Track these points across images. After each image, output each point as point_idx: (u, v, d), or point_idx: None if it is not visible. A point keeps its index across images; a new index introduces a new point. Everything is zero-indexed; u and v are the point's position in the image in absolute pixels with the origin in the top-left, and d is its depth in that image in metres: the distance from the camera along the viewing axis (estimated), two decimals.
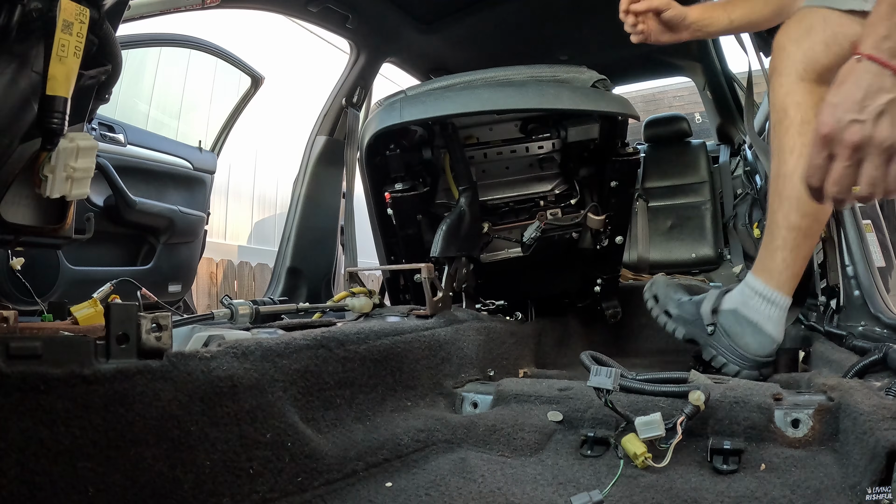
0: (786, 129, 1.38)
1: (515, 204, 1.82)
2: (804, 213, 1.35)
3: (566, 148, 1.79)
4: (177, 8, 1.78)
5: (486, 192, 1.81)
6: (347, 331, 1.14)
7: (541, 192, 1.83)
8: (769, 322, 1.38)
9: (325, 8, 2.26)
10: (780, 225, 1.36)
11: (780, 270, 1.37)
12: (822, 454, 0.95)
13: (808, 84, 1.38)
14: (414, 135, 1.70)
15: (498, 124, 1.78)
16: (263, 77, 3.14)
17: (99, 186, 2.43)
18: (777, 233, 1.37)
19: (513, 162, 1.81)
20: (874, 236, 1.60)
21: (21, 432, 0.62)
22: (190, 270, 2.98)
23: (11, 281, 1.86)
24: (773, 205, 1.38)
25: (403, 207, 1.66)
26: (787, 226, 1.36)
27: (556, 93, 1.60)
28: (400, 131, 1.64)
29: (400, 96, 1.63)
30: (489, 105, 1.58)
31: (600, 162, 1.77)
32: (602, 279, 2.01)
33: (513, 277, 1.97)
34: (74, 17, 0.96)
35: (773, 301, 1.38)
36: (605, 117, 1.68)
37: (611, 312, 2.06)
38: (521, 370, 1.64)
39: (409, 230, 1.71)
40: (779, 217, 1.37)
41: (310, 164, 2.64)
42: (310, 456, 0.90)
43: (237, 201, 5.56)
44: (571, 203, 1.81)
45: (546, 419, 1.14)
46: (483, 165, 1.80)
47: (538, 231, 1.75)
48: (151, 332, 0.77)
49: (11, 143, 1.01)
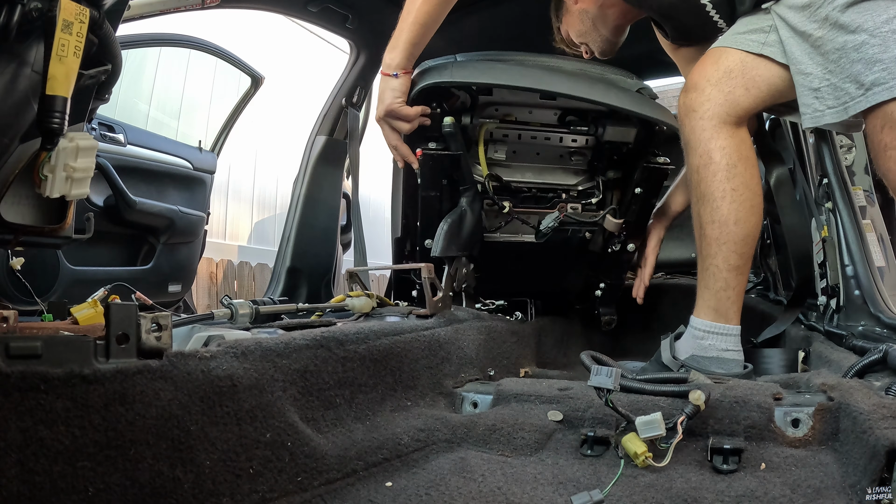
0: (713, 175, 1.42)
1: (538, 191, 1.82)
2: (741, 254, 1.41)
3: (598, 146, 1.80)
4: (177, 8, 1.78)
5: (513, 174, 1.81)
6: (347, 331, 1.14)
7: (565, 185, 1.83)
8: (728, 352, 1.43)
9: (325, 8, 2.26)
10: (721, 268, 1.41)
11: (727, 307, 1.43)
12: (822, 454, 0.95)
13: (730, 127, 1.42)
14: (457, 100, 1.70)
15: (538, 109, 1.78)
16: (263, 77, 3.14)
17: (99, 186, 2.43)
18: (719, 275, 1.42)
19: (544, 149, 1.82)
20: (874, 236, 1.60)
21: (21, 432, 0.62)
22: (190, 270, 2.98)
23: (11, 281, 1.86)
24: (709, 250, 1.42)
25: (431, 166, 1.64)
26: (728, 268, 1.41)
27: (605, 89, 1.61)
28: (444, 93, 1.64)
29: (451, 60, 1.64)
30: (539, 85, 1.59)
31: (629, 167, 1.77)
32: (605, 284, 2.01)
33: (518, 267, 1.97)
34: (74, 16, 0.96)
35: (726, 333, 1.43)
36: (643, 124, 1.69)
37: (606, 319, 2.06)
38: (523, 370, 1.64)
39: (431, 192, 1.69)
40: (718, 261, 1.42)
41: (310, 164, 2.64)
42: (310, 456, 0.90)
43: (237, 201, 5.56)
44: (592, 202, 1.81)
45: (546, 419, 1.14)
46: (515, 146, 1.80)
47: (556, 221, 1.74)
48: (151, 332, 0.77)
49: (11, 142, 1.01)
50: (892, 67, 1.22)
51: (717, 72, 1.44)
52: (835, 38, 1.29)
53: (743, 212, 1.40)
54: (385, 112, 1.56)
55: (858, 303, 1.45)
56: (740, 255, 1.41)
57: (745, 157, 1.42)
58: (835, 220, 1.55)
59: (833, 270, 1.55)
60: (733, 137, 1.42)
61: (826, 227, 1.58)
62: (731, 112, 1.41)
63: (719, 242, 1.41)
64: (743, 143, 1.43)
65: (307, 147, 2.67)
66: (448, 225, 1.64)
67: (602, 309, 2.06)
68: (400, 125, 1.57)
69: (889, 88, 1.22)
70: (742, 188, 1.40)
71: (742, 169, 1.41)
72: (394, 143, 1.62)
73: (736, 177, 1.40)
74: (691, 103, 1.45)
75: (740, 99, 1.41)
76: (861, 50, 1.25)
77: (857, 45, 1.26)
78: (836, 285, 1.54)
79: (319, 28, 2.53)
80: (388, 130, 1.60)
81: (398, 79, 1.53)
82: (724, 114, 1.41)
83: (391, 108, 1.55)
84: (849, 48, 1.27)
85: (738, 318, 1.44)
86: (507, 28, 2.67)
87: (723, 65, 1.44)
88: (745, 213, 1.40)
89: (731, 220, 1.40)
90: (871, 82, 1.24)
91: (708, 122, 1.42)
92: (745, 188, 1.41)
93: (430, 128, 1.64)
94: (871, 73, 1.24)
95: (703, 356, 1.43)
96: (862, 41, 1.25)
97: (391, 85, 1.53)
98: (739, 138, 1.43)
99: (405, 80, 1.54)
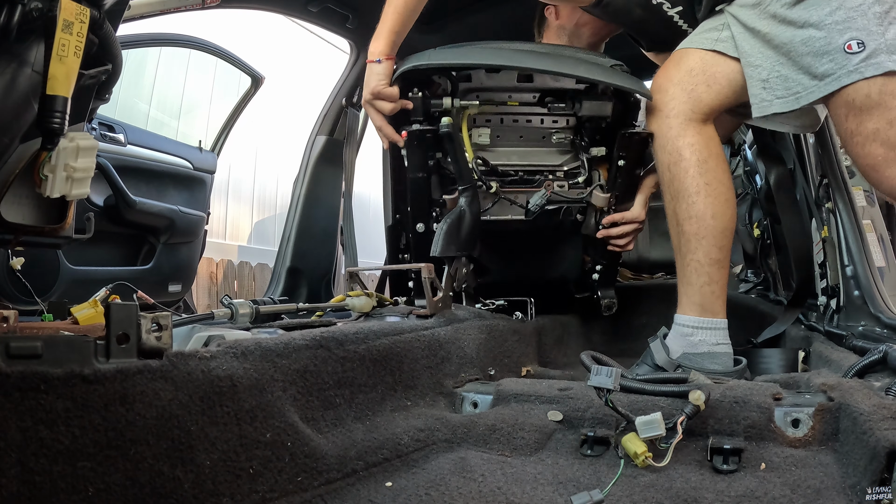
0: (685, 171, 1.45)
1: (525, 174, 1.85)
2: (721, 247, 1.43)
3: (579, 124, 1.83)
4: (177, 8, 1.78)
5: (499, 158, 1.85)
6: (347, 331, 1.14)
7: (551, 166, 1.86)
8: (718, 346, 1.44)
9: (325, 8, 2.27)
10: (703, 263, 1.43)
11: (712, 302, 1.45)
12: (822, 454, 0.95)
13: (696, 125, 1.46)
14: (437, 87, 1.77)
15: (517, 93, 1.83)
16: (263, 77, 3.14)
17: (99, 186, 2.43)
18: (701, 270, 1.44)
19: (527, 131, 1.86)
20: (874, 236, 1.60)
21: (21, 432, 0.62)
22: (190, 270, 2.97)
23: (11, 281, 1.86)
24: (689, 246, 1.45)
25: (417, 145, 1.69)
26: (710, 262, 1.43)
27: (579, 65, 1.65)
28: (425, 79, 1.72)
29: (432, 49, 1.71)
30: (512, 62, 1.66)
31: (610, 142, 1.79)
32: (601, 265, 2.01)
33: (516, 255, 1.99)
34: (75, 16, 0.96)
35: (714, 328, 1.44)
36: (619, 96, 1.71)
37: (606, 303, 2.05)
38: (524, 368, 1.64)
39: (419, 173, 1.75)
40: (699, 256, 1.44)
41: (310, 164, 2.64)
42: (310, 455, 0.90)
43: (237, 201, 5.56)
44: (579, 181, 1.84)
45: (546, 419, 1.14)
46: (498, 131, 1.85)
47: (543, 199, 1.78)
48: (151, 332, 0.77)
49: (11, 142, 1.01)
50: (839, 58, 1.28)
51: (679, 72, 1.49)
52: (782, 32, 1.34)
53: (719, 206, 1.43)
54: (370, 94, 1.63)
55: (858, 303, 1.45)
56: (720, 248, 1.43)
57: (714, 154, 1.45)
58: (835, 220, 1.55)
59: (833, 270, 1.55)
60: (701, 134, 1.45)
61: (826, 227, 1.58)
62: (696, 109, 1.45)
63: (699, 237, 1.43)
64: (711, 140, 1.46)
65: (307, 147, 2.67)
66: (447, 225, 1.64)
67: (601, 291, 2.05)
68: (383, 105, 1.64)
69: (838, 78, 1.28)
70: (715, 182, 1.43)
71: (714, 164, 1.44)
72: (379, 124, 1.68)
73: (708, 172, 1.43)
74: (657, 104, 1.50)
75: (703, 96, 1.45)
76: (808, 43, 1.31)
77: (805, 39, 1.31)
78: (836, 285, 1.54)
79: (319, 28, 2.53)
80: (373, 112, 1.67)
81: (381, 64, 1.61)
82: (689, 111, 1.45)
83: (375, 90, 1.61)
84: (797, 42, 1.32)
85: (723, 311, 1.46)
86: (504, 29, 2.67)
87: (684, 65, 1.48)
88: (721, 207, 1.43)
89: (707, 215, 1.42)
90: (822, 73, 1.30)
91: (674, 119, 1.46)
92: (718, 183, 1.43)
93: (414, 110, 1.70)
94: (821, 64, 1.30)
95: (694, 353, 1.43)
96: (809, 35, 1.31)
97: (375, 70, 1.61)
98: (707, 135, 1.46)
99: (388, 65, 1.61)
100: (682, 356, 1.44)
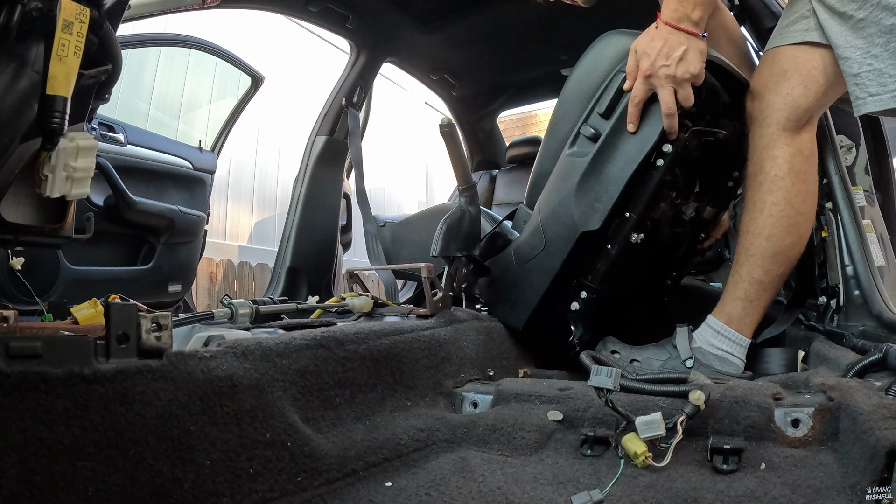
0: (759, 185, 1.38)
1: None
2: (766, 270, 1.38)
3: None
4: (177, 8, 1.78)
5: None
6: (347, 331, 1.14)
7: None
8: (732, 356, 1.43)
9: (325, 8, 2.27)
10: (744, 278, 1.40)
11: (740, 318, 1.42)
12: (822, 454, 0.95)
13: (788, 135, 1.36)
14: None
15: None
16: (263, 77, 3.14)
17: (99, 186, 2.43)
18: (740, 285, 1.40)
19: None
20: (874, 236, 1.60)
21: (21, 432, 0.62)
22: (190, 270, 2.98)
23: (11, 281, 1.86)
24: (739, 258, 1.41)
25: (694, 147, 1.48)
26: (750, 280, 1.39)
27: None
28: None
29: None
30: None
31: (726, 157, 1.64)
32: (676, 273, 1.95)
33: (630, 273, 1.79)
34: (74, 16, 0.96)
35: (734, 340, 1.43)
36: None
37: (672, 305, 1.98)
38: (522, 370, 1.64)
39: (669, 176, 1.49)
40: (743, 271, 1.40)
41: (310, 164, 2.64)
42: (310, 455, 0.90)
43: (237, 201, 5.56)
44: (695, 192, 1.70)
45: (546, 419, 1.14)
46: None
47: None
48: (151, 332, 0.77)
49: (11, 142, 1.01)
50: None
51: (772, 76, 1.37)
52: (881, 19, 1.19)
53: (778, 228, 1.35)
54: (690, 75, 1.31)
55: (858, 303, 1.45)
56: (766, 271, 1.37)
57: (795, 171, 1.34)
58: (835, 220, 1.55)
59: (833, 270, 1.55)
60: (790, 146, 1.35)
61: (826, 227, 1.58)
62: (792, 116, 1.34)
63: (748, 253, 1.39)
64: (797, 156, 1.35)
65: (307, 147, 2.67)
66: (447, 225, 1.64)
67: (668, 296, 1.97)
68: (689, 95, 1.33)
69: None
70: (783, 203, 1.34)
71: (789, 182, 1.34)
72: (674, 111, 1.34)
73: (779, 190, 1.34)
74: (753, 111, 1.40)
75: (799, 100, 1.33)
76: None
77: None
78: (836, 285, 1.54)
79: (319, 28, 2.53)
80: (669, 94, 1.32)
81: (705, 41, 1.33)
82: (783, 119, 1.34)
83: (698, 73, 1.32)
84: None
85: (750, 331, 1.42)
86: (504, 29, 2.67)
87: (777, 66, 1.36)
88: (779, 230, 1.35)
89: (763, 234, 1.36)
90: None
91: (766, 129, 1.37)
92: (787, 204, 1.34)
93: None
94: None
95: (709, 351, 1.43)
96: None
97: (699, 47, 1.31)
98: (796, 148, 1.35)
99: (705, 45, 1.33)
100: (698, 349, 1.44)
